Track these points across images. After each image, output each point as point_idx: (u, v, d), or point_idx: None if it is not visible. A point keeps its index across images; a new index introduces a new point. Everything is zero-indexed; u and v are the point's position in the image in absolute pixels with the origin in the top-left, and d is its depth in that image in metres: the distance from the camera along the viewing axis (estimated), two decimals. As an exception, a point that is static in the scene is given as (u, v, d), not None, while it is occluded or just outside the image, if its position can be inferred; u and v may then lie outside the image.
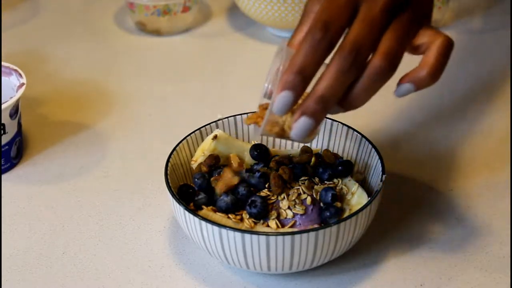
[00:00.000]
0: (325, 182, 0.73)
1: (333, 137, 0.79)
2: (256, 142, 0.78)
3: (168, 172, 0.72)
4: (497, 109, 0.95)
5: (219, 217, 0.70)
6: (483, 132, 0.91)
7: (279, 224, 0.70)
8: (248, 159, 0.76)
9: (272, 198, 0.71)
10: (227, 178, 0.72)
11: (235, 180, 0.71)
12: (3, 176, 0.85)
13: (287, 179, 0.72)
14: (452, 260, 0.73)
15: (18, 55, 1.09)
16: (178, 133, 0.79)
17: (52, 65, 1.07)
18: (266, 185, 0.72)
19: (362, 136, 0.77)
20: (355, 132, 0.77)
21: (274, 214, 0.70)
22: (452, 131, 0.91)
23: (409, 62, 0.66)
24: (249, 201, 0.70)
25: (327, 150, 0.76)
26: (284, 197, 0.71)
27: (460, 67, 1.04)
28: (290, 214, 0.70)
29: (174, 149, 0.76)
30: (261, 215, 0.70)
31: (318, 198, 0.71)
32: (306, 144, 0.77)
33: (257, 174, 0.72)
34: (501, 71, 1.02)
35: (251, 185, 0.72)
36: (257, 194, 0.71)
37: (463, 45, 1.10)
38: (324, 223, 0.70)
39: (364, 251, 0.74)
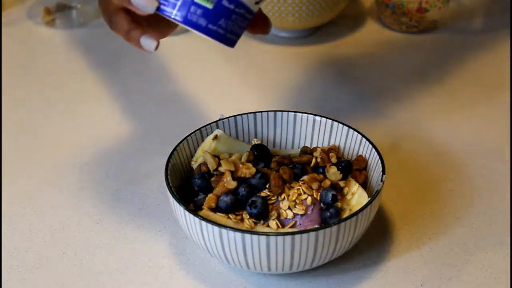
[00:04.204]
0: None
1: (333, 137, 0.79)
2: (256, 142, 0.78)
3: (168, 172, 0.72)
4: (497, 109, 0.95)
5: (219, 217, 0.70)
6: (483, 132, 0.91)
7: (279, 224, 0.70)
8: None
9: (272, 198, 0.71)
10: (226, 182, 0.71)
11: (234, 184, 0.71)
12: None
13: (287, 179, 0.72)
14: (452, 260, 0.73)
15: (18, 56, 1.09)
16: (178, 133, 0.80)
17: (51, 64, 1.07)
18: (267, 186, 0.72)
19: (362, 136, 0.77)
20: (355, 132, 0.77)
21: (274, 214, 0.70)
22: (452, 131, 0.91)
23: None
24: (250, 201, 0.70)
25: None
26: (284, 198, 0.71)
27: (460, 67, 1.04)
28: (290, 214, 0.70)
29: (174, 149, 0.76)
30: (262, 216, 0.70)
31: (318, 198, 0.71)
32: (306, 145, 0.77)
33: (258, 175, 0.72)
34: (501, 71, 1.02)
35: (251, 185, 0.71)
36: (258, 194, 0.71)
37: (463, 45, 1.10)
38: (324, 223, 0.70)
39: (364, 251, 0.74)
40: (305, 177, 0.72)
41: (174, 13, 0.64)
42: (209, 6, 0.64)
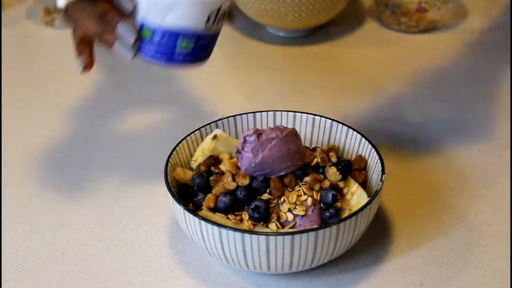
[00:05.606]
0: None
1: (333, 137, 0.79)
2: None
3: (168, 172, 0.72)
4: (497, 109, 0.95)
5: (219, 217, 0.70)
6: (483, 132, 0.91)
7: (279, 226, 0.70)
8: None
9: (273, 201, 0.71)
10: (227, 182, 0.71)
11: (234, 185, 0.71)
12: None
13: (287, 182, 0.71)
14: (452, 260, 0.73)
15: (18, 56, 1.09)
16: (178, 133, 0.80)
17: (52, 64, 1.07)
18: (267, 190, 0.71)
19: (362, 136, 0.77)
20: (355, 132, 0.77)
21: (274, 217, 0.70)
22: (452, 131, 0.91)
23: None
24: (253, 205, 0.70)
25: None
26: (284, 200, 0.70)
27: (460, 67, 1.04)
28: (290, 216, 0.70)
29: (174, 149, 0.76)
30: (263, 220, 0.70)
31: (318, 198, 0.71)
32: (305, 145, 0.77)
33: (260, 178, 0.71)
34: (501, 71, 1.02)
35: (252, 188, 0.71)
36: (259, 197, 0.71)
37: (462, 45, 1.10)
38: (324, 224, 0.70)
39: (364, 251, 0.74)
40: (307, 178, 0.72)
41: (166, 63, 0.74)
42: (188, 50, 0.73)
